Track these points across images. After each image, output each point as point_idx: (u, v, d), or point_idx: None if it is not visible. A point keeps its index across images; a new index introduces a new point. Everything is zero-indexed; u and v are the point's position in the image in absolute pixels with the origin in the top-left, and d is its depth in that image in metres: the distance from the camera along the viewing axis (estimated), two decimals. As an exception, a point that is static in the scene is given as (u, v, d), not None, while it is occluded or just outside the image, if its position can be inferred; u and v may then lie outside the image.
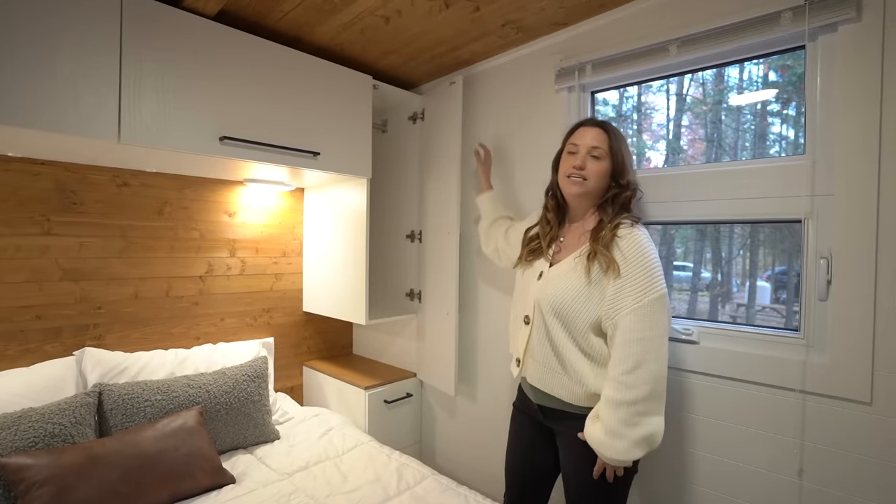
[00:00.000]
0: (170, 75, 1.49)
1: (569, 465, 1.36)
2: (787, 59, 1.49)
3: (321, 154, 1.87)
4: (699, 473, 1.51)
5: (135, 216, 1.90)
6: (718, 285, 1.63)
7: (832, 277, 1.26)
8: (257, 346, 2.04)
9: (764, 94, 1.55)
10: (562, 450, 1.39)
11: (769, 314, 1.51)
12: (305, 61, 1.85)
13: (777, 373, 1.36)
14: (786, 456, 1.35)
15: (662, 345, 1.21)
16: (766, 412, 1.38)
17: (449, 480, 1.55)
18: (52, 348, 1.72)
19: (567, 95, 1.83)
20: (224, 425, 1.66)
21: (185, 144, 1.53)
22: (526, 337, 1.41)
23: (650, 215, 1.65)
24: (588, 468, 1.27)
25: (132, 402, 1.52)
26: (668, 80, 1.74)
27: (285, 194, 2.36)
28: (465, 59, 2.08)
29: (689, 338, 1.52)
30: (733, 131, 1.63)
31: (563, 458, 1.38)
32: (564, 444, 1.37)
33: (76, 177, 1.76)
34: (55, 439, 1.32)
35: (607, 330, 1.25)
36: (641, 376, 1.17)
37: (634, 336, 1.19)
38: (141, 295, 1.93)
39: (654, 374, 1.18)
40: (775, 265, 1.54)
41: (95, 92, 1.35)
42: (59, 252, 1.72)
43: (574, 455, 1.32)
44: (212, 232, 2.12)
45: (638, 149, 1.84)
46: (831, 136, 1.26)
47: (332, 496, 1.43)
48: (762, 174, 1.40)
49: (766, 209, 1.39)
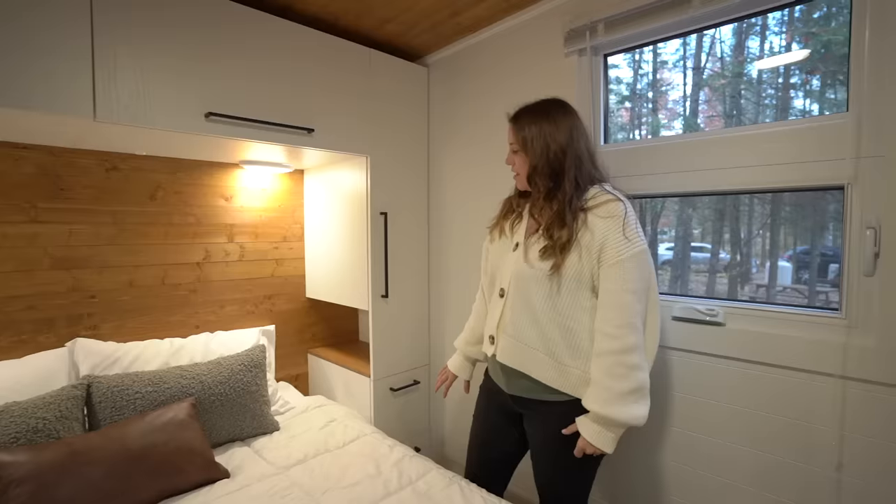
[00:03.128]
0: (147, 47, 1.39)
1: (538, 447, 1.33)
2: (812, 25, 1.34)
3: (316, 131, 1.76)
4: (726, 465, 1.39)
5: (126, 201, 1.83)
6: (738, 266, 1.51)
7: (880, 249, 1.11)
8: (256, 334, 1.96)
9: (794, 56, 1.38)
10: (531, 432, 1.35)
11: (790, 295, 1.42)
12: (297, 32, 1.73)
13: (813, 356, 1.22)
14: (823, 448, 1.22)
15: (644, 298, 1.19)
16: (801, 400, 1.25)
17: (454, 475, 1.46)
18: (45, 339, 1.66)
19: (577, 59, 1.68)
20: (219, 417, 1.60)
21: (168, 122, 1.44)
22: (499, 311, 1.34)
23: (662, 188, 1.51)
24: (558, 449, 1.25)
25: (122, 395, 1.46)
26: (685, 56, 1.60)
27: (284, 177, 2.27)
28: (467, 26, 1.94)
29: (714, 319, 1.39)
30: (754, 105, 1.49)
31: (533, 440, 1.35)
32: (534, 427, 1.33)
33: (62, 161, 1.68)
34: (38, 435, 1.27)
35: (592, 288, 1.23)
36: (623, 325, 1.14)
37: (615, 288, 1.16)
38: (136, 283, 1.86)
39: (637, 325, 1.15)
40: (797, 245, 1.45)
41: (67, 66, 1.26)
42: (47, 240, 1.66)
43: (544, 436, 1.30)
44: (208, 217, 2.04)
45: (653, 127, 1.70)
46: (882, 88, 1.10)
47: (330, 492, 1.35)
48: (793, 137, 1.25)
49: (798, 176, 1.25)
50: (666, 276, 1.71)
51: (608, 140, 1.73)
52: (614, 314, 1.15)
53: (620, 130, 1.76)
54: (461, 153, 2.11)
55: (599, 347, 1.17)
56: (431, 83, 2.23)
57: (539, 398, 1.28)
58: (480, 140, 2.02)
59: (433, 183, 2.25)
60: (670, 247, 1.72)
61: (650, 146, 1.56)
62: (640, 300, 1.17)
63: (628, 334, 1.14)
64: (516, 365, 1.29)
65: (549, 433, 1.27)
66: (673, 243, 1.71)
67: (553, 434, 1.25)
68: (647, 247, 1.21)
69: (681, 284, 1.65)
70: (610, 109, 1.75)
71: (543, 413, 1.28)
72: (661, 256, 1.72)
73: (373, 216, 1.97)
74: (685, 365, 1.46)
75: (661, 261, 1.72)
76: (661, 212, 1.74)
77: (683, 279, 1.65)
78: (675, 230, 1.70)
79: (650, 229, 1.74)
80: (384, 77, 2.01)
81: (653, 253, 1.71)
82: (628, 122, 1.78)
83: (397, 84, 2.08)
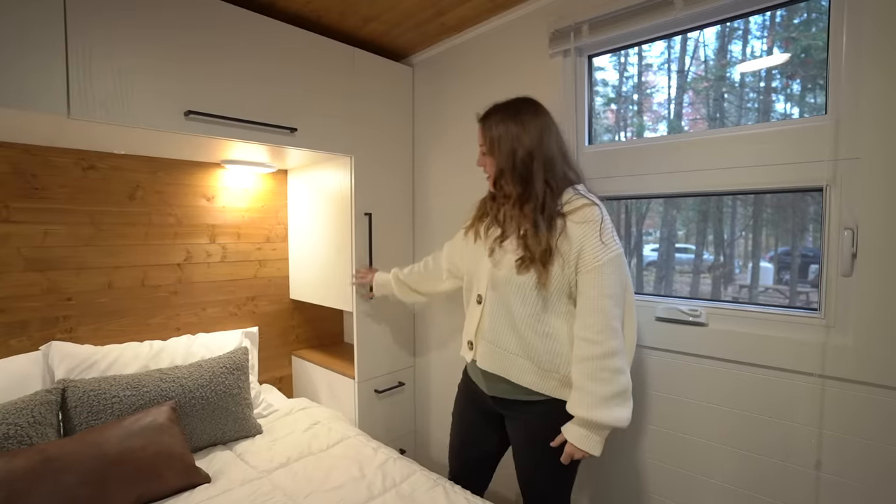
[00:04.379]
0: (124, 44, 1.36)
1: (520, 447, 1.33)
2: (793, 30, 1.36)
3: (298, 130, 1.74)
4: (706, 464, 1.41)
5: (104, 201, 1.79)
6: (721, 266, 1.54)
7: (857, 250, 1.13)
8: (239, 336, 1.93)
9: (775, 59, 1.40)
10: (512, 433, 1.35)
11: (772, 295, 1.44)
12: (279, 30, 1.71)
13: (793, 356, 1.24)
14: (802, 446, 1.24)
15: (622, 301, 1.19)
16: (781, 399, 1.27)
17: (438, 476, 1.45)
18: (17, 343, 1.61)
19: (562, 60, 1.69)
20: (200, 421, 1.57)
21: (146, 120, 1.41)
22: (477, 317, 1.33)
23: (647, 189, 1.52)
24: (539, 449, 1.25)
25: (98, 399, 1.42)
26: (670, 59, 1.63)
27: (267, 177, 2.24)
28: (452, 26, 1.93)
29: (697, 319, 1.40)
30: (736, 109, 1.52)
31: (515, 440, 1.34)
32: (515, 427, 1.33)
33: (37, 160, 1.64)
34: (10, 441, 1.23)
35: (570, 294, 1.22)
36: (603, 330, 1.14)
37: (594, 294, 1.15)
38: (115, 285, 1.82)
39: (617, 328, 1.15)
40: (778, 246, 1.47)
41: (38, 60, 1.22)
42: (20, 240, 1.61)
43: (525, 436, 1.30)
44: (189, 217, 2.01)
45: (638, 129, 1.71)
46: (859, 91, 1.12)
47: (313, 495, 1.33)
48: (774, 139, 1.26)
49: (778, 177, 1.26)
50: (650, 276, 1.72)
51: (593, 141, 1.73)
52: (594, 320, 1.15)
53: (606, 132, 1.76)
54: (446, 153, 2.10)
55: (581, 353, 1.16)
56: (416, 83, 2.22)
57: (519, 398, 1.28)
58: (466, 140, 2.01)
59: (418, 183, 2.24)
60: (655, 248, 1.73)
61: (635, 147, 1.57)
62: (618, 304, 1.17)
63: (609, 339, 1.13)
64: (496, 370, 1.28)
65: (531, 433, 1.28)
66: (658, 244, 1.72)
67: (534, 434, 1.26)
68: (622, 250, 1.20)
69: (665, 285, 1.66)
70: (595, 111, 1.76)
71: (524, 413, 1.28)
72: (645, 257, 1.73)
73: (357, 217, 1.95)
74: (667, 365, 1.47)
75: (645, 262, 1.73)
76: (647, 213, 1.75)
77: (668, 280, 1.66)
78: (660, 231, 1.72)
79: (635, 230, 1.76)
80: (368, 76, 2.00)
81: (638, 254, 1.73)
82: (614, 124, 1.79)
83: (382, 83, 2.06)
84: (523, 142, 1.22)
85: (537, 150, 1.22)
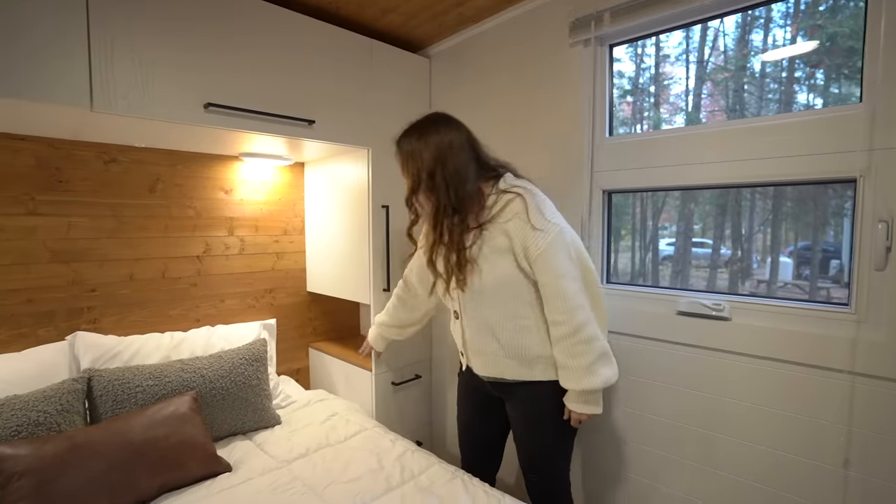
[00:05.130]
0: (145, 36, 1.37)
1: (520, 428, 1.42)
2: (818, 17, 1.31)
3: (316, 122, 1.74)
4: (731, 460, 1.38)
5: (125, 194, 1.81)
6: (738, 261, 1.51)
7: (892, 243, 1.09)
8: (258, 327, 1.95)
9: (802, 47, 1.35)
10: (512, 415, 1.44)
11: (791, 290, 1.41)
12: (298, 22, 1.71)
13: (821, 352, 1.21)
14: (830, 444, 1.21)
15: (577, 273, 1.27)
16: (809, 396, 1.24)
17: (456, 469, 1.45)
18: (45, 332, 1.65)
19: (582, 50, 1.65)
20: (220, 411, 1.59)
21: (167, 112, 1.42)
22: (461, 331, 1.45)
23: (670, 181, 1.49)
24: (537, 428, 1.37)
25: (122, 388, 1.45)
26: (688, 49, 1.60)
27: (284, 169, 2.25)
28: (469, 17, 1.91)
29: (720, 314, 1.37)
30: (757, 100, 1.47)
31: (514, 422, 1.43)
32: (514, 409, 1.42)
33: (60, 153, 1.66)
34: (39, 428, 1.26)
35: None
36: (568, 310, 1.23)
37: (550, 280, 1.24)
38: (136, 276, 1.85)
39: (580, 304, 1.24)
40: (798, 240, 1.44)
41: (63, 56, 1.24)
42: (46, 233, 1.64)
43: (524, 418, 1.39)
44: (208, 210, 2.02)
45: (654, 122, 1.68)
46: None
47: (332, 486, 1.34)
48: (802, 128, 1.23)
49: (806, 168, 1.23)
50: (666, 271, 1.70)
51: (612, 132, 1.70)
52: (557, 303, 1.24)
53: (622, 125, 1.73)
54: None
55: (555, 335, 1.27)
56: (433, 74, 2.20)
57: (514, 381, 1.36)
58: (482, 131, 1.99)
59: (435, 176, 2.22)
60: (671, 242, 1.71)
61: (657, 138, 1.54)
62: (574, 279, 1.25)
63: (574, 315, 1.23)
64: (490, 374, 1.40)
65: (528, 412, 1.38)
66: (674, 238, 1.70)
67: (531, 412, 1.37)
68: (562, 224, 1.28)
69: (681, 279, 1.64)
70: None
71: (521, 395, 1.37)
72: (661, 252, 1.71)
73: (374, 209, 1.95)
74: (687, 360, 1.45)
75: (661, 256, 1.71)
76: (663, 207, 1.73)
77: (684, 274, 1.64)
78: (677, 225, 1.69)
79: (651, 224, 1.73)
80: (386, 68, 1.98)
81: (654, 248, 1.70)
82: (630, 117, 1.76)
83: (399, 75, 2.05)
84: (424, 158, 1.27)
85: (438, 167, 1.26)
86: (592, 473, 1.71)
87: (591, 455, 1.71)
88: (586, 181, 1.66)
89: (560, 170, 1.73)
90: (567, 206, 1.72)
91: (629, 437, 1.60)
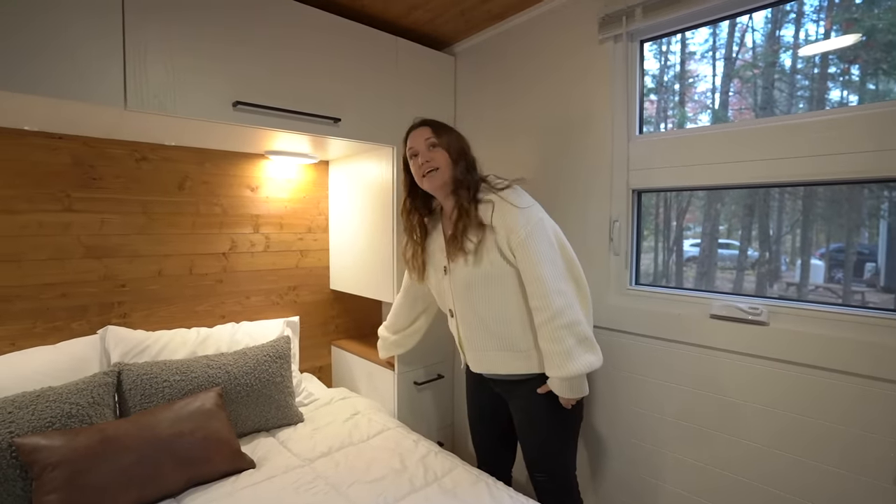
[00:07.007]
0: (177, 36, 1.39)
1: (521, 426, 1.45)
2: (854, 11, 1.25)
3: (342, 120, 1.74)
4: (770, 473, 1.33)
5: (155, 191, 1.84)
6: (766, 263, 1.45)
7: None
8: (281, 325, 1.96)
9: (841, 41, 1.28)
10: (515, 413, 1.47)
11: (823, 294, 1.35)
12: (324, 21, 1.71)
13: (868, 360, 1.15)
14: (878, 458, 1.15)
15: (558, 257, 1.32)
16: (853, 407, 1.18)
17: (480, 472, 1.43)
18: (78, 326, 1.69)
19: (613, 46, 1.62)
20: (244, 407, 1.60)
21: (197, 110, 1.44)
22: (456, 330, 1.51)
23: (696, 180, 1.44)
24: (540, 422, 1.39)
25: (150, 383, 1.47)
26: (715, 46, 1.56)
27: (309, 167, 2.26)
28: (497, 13, 1.88)
29: (757, 318, 1.32)
30: (787, 97, 1.41)
31: (518, 419, 1.46)
32: (515, 408, 1.45)
33: (94, 151, 1.70)
34: (72, 420, 1.28)
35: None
36: (546, 294, 1.26)
37: (530, 266, 1.28)
38: (165, 272, 1.88)
39: (559, 289, 1.27)
40: (830, 242, 1.38)
41: (99, 55, 1.27)
42: (80, 229, 1.68)
43: (524, 415, 1.43)
44: (234, 207, 2.05)
45: (679, 120, 1.63)
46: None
47: (355, 485, 1.34)
48: (837, 126, 1.17)
49: (842, 167, 1.17)
50: (690, 272, 1.64)
51: (643, 130, 1.66)
52: (535, 288, 1.27)
53: (646, 123, 1.69)
54: (487, 143, 2.06)
55: (537, 322, 1.29)
56: (459, 72, 2.18)
57: (514, 378, 1.40)
58: (507, 129, 1.97)
59: (459, 175, 2.20)
60: (696, 243, 1.65)
61: (688, 136, 1.49)
62: (553, 263, 1.29)
63: (553, 301, 1.25)
64: (487, 370, 1.45)
65: (530, 409, 1.40)
66: (699, 239, 1.64)
67: (532, 409, 1.39)
68: (541, 213, 1.34)
69: (706, 281, 1.58)
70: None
71: (522, 391, 1.40)
72: (686, 252, 1.66)
73: (398, 207, 1.94)
74: (722, 366, 1.40)
75: (686, 257, 1.66)
76: (688, 207, 1.67)
77: (709, 276, 1.59)
78: (703, 226, 1.64)
79: (675, 225, 1.68)
80: (411, 66, 1.98)
81: (678, 249, 1.65)
82: (654, 115, 1.71)
83: (424, 73, 2.04)
84: (463, 142, 1.45)
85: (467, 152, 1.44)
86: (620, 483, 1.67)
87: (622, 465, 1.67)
88: (618, 180, 1.62)
89: (587, 169, 1.70)
90: (594, 207, 1.68)
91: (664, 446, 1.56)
